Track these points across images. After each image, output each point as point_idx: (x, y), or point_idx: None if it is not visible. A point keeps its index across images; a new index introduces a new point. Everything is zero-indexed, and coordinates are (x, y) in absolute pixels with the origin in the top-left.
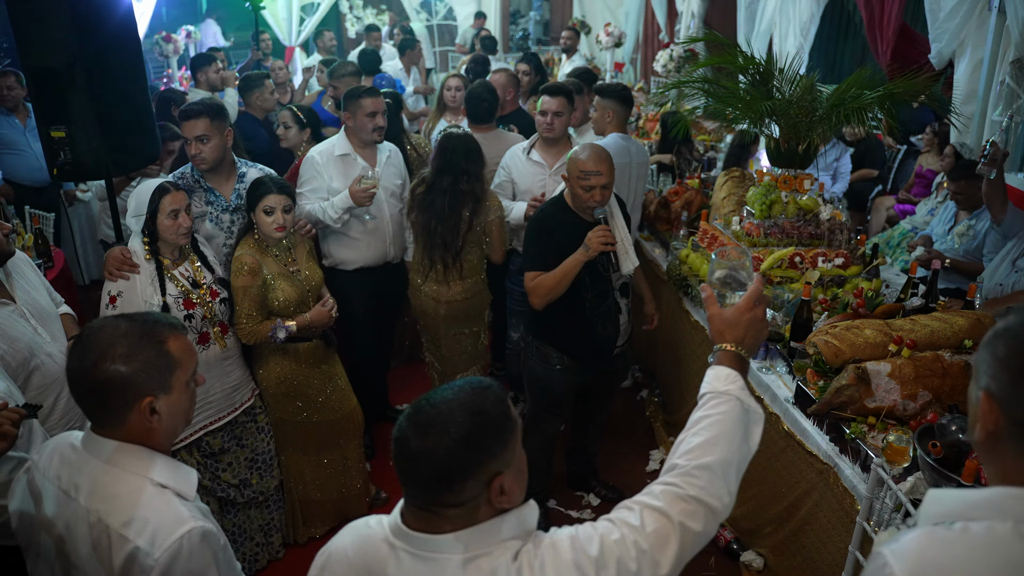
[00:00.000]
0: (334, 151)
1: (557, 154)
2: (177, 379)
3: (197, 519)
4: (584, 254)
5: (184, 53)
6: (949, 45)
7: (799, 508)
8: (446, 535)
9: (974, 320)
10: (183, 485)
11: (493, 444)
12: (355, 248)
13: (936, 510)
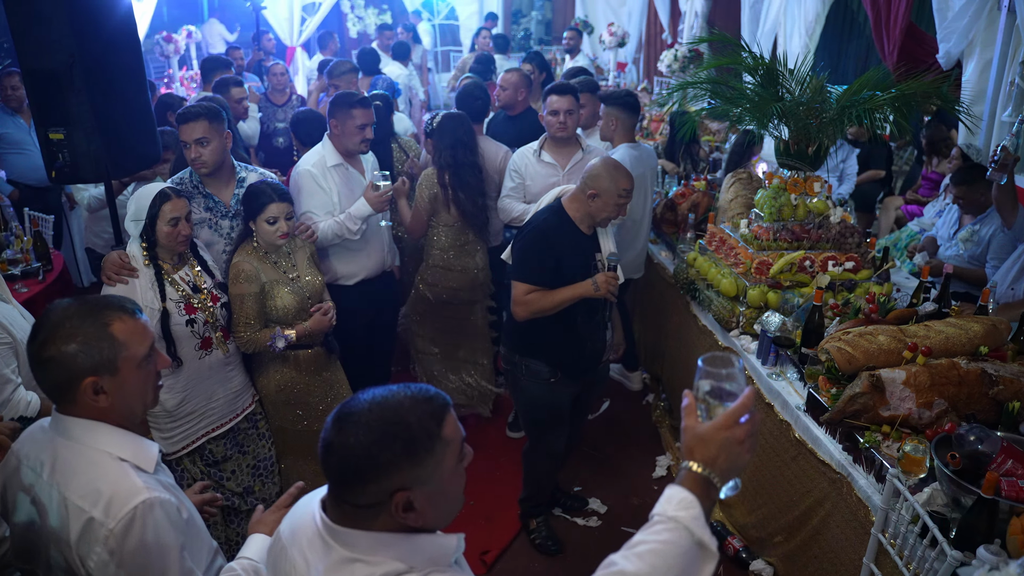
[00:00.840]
0: (326, 162)
1: (568, 154)
2: (124, 361)
3: (152, 490)
4: (590, 291)
5: (185, 53)
6: (958, 45)
7: (811, 518)
8: (340, 527)
9: (989, 326)
10: (141, 457)
11: (400, 457)
12: (356, 260)
13: None
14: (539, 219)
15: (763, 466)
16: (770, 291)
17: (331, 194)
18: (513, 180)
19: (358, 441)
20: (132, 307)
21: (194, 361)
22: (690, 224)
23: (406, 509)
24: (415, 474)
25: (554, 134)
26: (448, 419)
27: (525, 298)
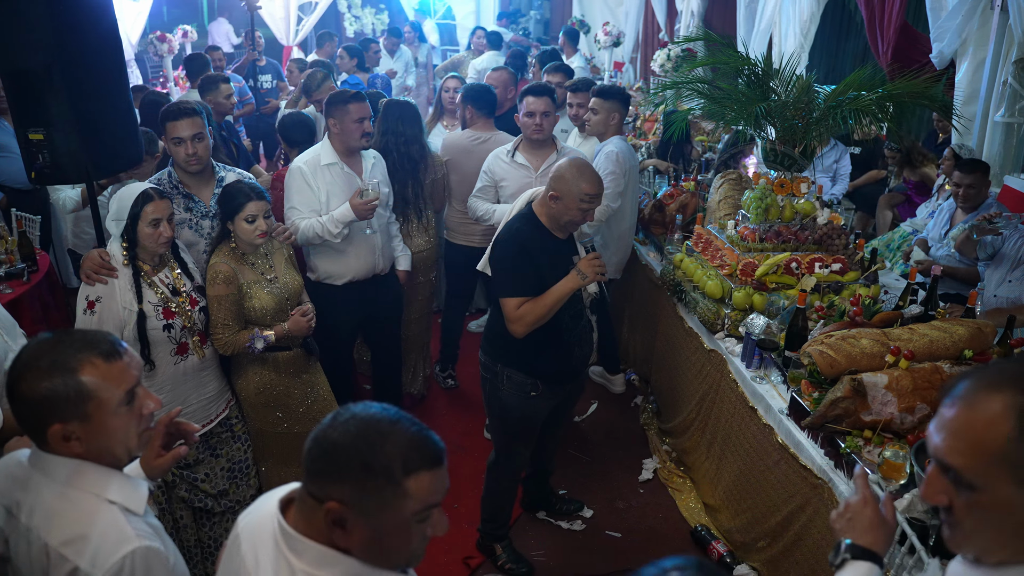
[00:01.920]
0: (320, 160)
1: (543, 156)
2: (95, 407)
3: (143, 538)
4: (578, 282)
5: (180, 53)
6: (951, 44)
7: (793, 523)
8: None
9: (974, 329)
10: (131, 499)
11: (351, 474)
12: (343, 262)
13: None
14: (512, 228)
15: (747, 471)
16: (755, 293)
17: (319, 193)
18: (483, 180)
19: (331, 437)
20: (109, 347)
21: (169, 367)
22: (678, 225)
23: (335, 523)
24: (357, 499)
25: (530, 136)
26: (422, 476)
27: (518, 312)
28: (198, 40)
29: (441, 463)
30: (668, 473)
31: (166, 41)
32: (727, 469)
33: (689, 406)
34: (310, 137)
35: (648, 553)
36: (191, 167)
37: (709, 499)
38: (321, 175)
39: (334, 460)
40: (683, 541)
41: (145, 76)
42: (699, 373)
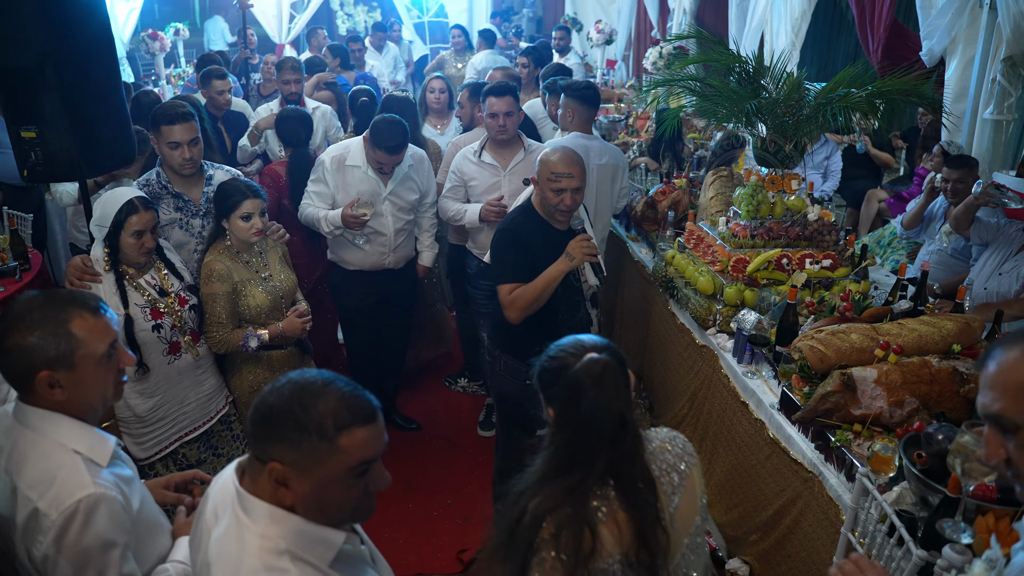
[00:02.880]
0: (345, 160)
1: (509, 155)
2: (82, 357)
3: (99, 485)
4: (568, 264)
5: (172, 50)
6: (940, 42)
7: (784, 516)
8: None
9: (963, 324)
10: (96, 451)
11: (286, 434)
12: (353, 252)
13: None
14: (509, 219)
15: (739, 465)
16: (747, 289)
17: (335, 189)
18: (452, 180)
19: (268, 401)
20: (96, 304)
21: (163, 366)
22: (670, 222)
23: (279, 482)
24: (293, 457)
25: (495, 136)
26: (355, 432)
27: (510, 297)
28: (190, 38)
29: (375, 419)
30: None
31: (158, 39)
32: (719, 464)
33: (681, 401)
34: (309, 137)
35: None
36: (185, 171)
37: None
38: (340, 173)
39: (271, 422)
40: None
41: (137, 74)
42: (691, 369)
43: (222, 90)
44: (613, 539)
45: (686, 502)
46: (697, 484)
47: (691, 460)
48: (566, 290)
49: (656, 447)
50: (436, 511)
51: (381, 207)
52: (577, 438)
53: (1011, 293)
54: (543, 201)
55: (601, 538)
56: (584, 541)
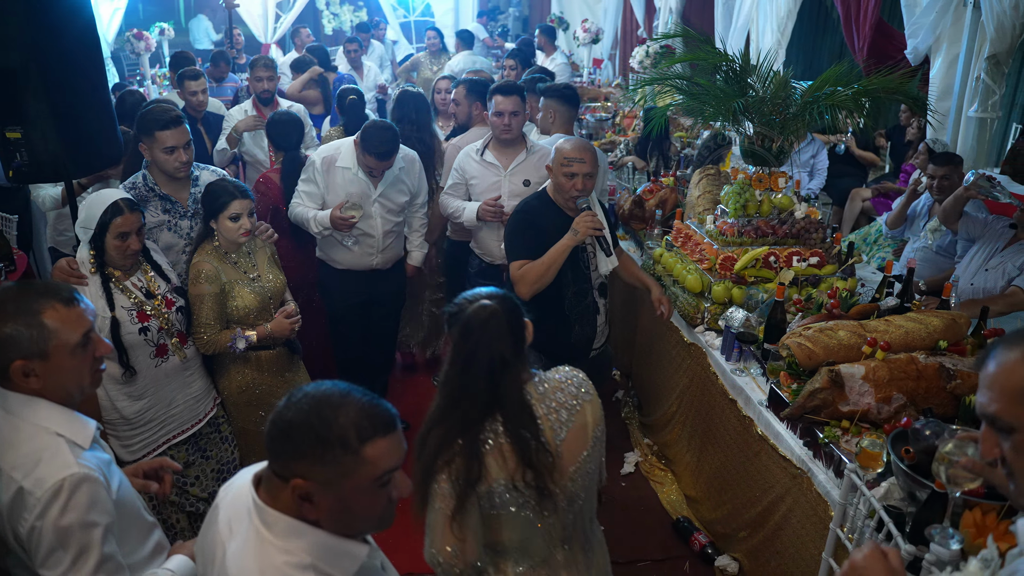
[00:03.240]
0: (336, 160)
1: (512, 154)
2: (55, 348)
3: (82, 466)
4: (572, 239)
5: (158, 50)
6: (925, 40)
7: (773, 513)
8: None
9: (949, 321)
10: (78, 434)
11: (309, 449)
12: (341, 251)
13: None
14: (524, 203)
15: (728, 462)
16: (735, 287)
17: (324, 190)
18: (453, 177)
19: (284, 420)
20: (69, 295)
21: (150, 369)
22: (657, 220)
23: (303, 498)
24: (317, 471)
25: (499, 135)
26: (378, 442)
27: (519, 273)
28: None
29: (395, 427)
30: (650, 466)
31: (143, 38)
32: (708, 461)
33: (670, 399)
34: (301, 140)
35: (631, 545)
36: (180, 175)
37: (690, 491)
38: (331, 175)
39: (292, 439)
40: (665, 533)
41: (122, 74)
42: (679, 367)
43: (196, 91)
44: (498, 466)
45: (573, 435)
46: (589, 418)
47: (585, 397)
48: (575, 276)
49: (548, 388)
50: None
51: (370, 209)
52: (464, 374)
53: (997, 289)
54: (557, 187)
55: (487, 466)
56: (472, 468)
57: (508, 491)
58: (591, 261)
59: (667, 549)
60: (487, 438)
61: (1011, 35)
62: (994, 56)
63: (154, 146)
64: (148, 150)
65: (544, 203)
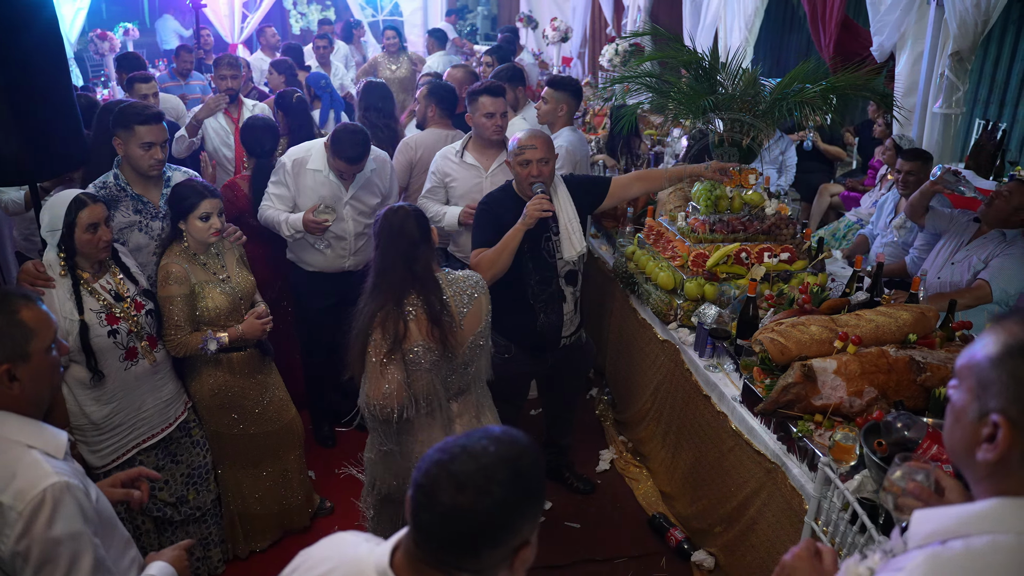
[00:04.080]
0: (307, 163)
1: (492, 156)
2: (35, 347)
3: (61, 474)
4: (522, 223)
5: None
6: (890, 38)
7: (748, 507)
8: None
9: (918, 314)
10: (51, 445)
11: (531, 510)
12: (312, 254)
13: (927, 529)
14: (487, 196)
15: (702, 458)
16: (707, 283)
17: (295, 193)
18: (432, 181)
19: (493, 502)
20: (35, 295)
21: (119, 372)
22: (629, 218)
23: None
24: (535, 525)
25: (490, 136)
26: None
27: (476, 260)
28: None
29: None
30: (625, 463)
31: (107, 39)
32: (682, 457)
33: (644, 396)
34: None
35: (607, 543)
36: (154, 172)
37: (666, 487)
38: (301, 177)
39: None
40: (641, 529)
41: (86, 75)
42: (653, 363)
43: (146, 94)
44: (417, 330)
45: (472, 314)
46: (483, 307)
47: (480, 290)
48: (537, 264)
49: (453, 279)
50: None
51: (342, 211)
52: (384, 258)
53: (963, 282)
54: (516, 178)
55: (410, 329)
56: (399, 328)
57: (424, 351)
58: (555, 249)
59: (643, 545)
60: (409, 310)
61: (973, 32)
62: (957, 53)
63: (131, 141)
64: (123, 145)
65: (507, 195)
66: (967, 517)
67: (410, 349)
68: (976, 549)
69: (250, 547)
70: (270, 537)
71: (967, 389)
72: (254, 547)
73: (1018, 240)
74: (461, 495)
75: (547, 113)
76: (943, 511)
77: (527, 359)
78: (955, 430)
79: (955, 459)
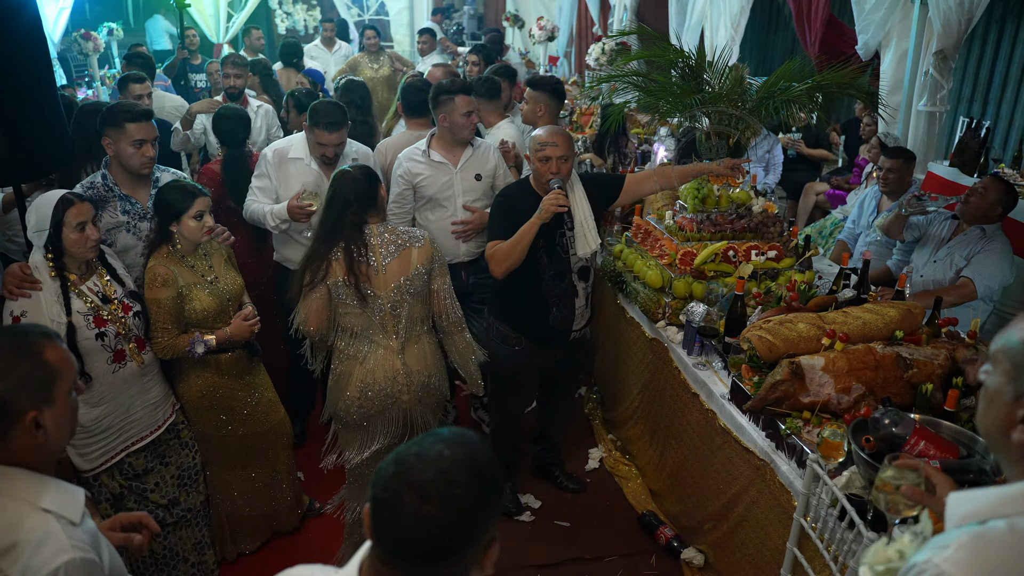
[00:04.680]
0: (288, 152)
1: (459, 151)
2: (59, 390)
3: (78, 548)
4: (538, 217)
5: (107, 51)
6: (875, 36)
7: (737, 504)
8: None
9: (905, 311)
10: (67, 508)
11: (495, 506)
12: (298, 249)
13: (964, 511)
14: (505, 189)
15: (691, 456)
16: (695, 282)
17: (278, 184)
18: (398, 185)
19: (460, 505)
20: (52, 332)
21: (107, 375)
22: (617, 217)
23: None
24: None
25: (463, 135)
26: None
27: (491, 252)
28: (125, 38)
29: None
30: (614, 462)
31: (91, 39)
32: (671, 455)
33: (632, 395)
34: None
35: (597, 541)
36: (145, 170)
37: (655, 485)
38: (283, 167)
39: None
40: (631, 528)
41: (69, 75)
42: (641, 362)
43: (140, 94)
44: (337, 268)
45: (397, 262)
46: (414, 257)
47: (412, 242)
48: (552, 259)
49: (387, 229)
50: None
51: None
52: (326, 212)
53: (946, 280)
54: (534, 173)
55: (332, 268)
56: (323, 266)
57: (343, 288)
58: (570, 245)
59: (633, 544)
60: (336, 251)
61: (957, 31)
62: (941, 51)
63: (122, 139)
64: (113, 144)
65: (525, 189)
66: (1007, 498)
67: (333, 284)
68: (1021, 528)
69: (239, 549)
70: (259, 539)
71: (1002, 372)
72: (243, 549)
73: (997, 235)
74: (426, 504)
75: (528, 113)
76: (979, 493)
77: (537, 351)
78: (989, 412)
79: (989, 441)
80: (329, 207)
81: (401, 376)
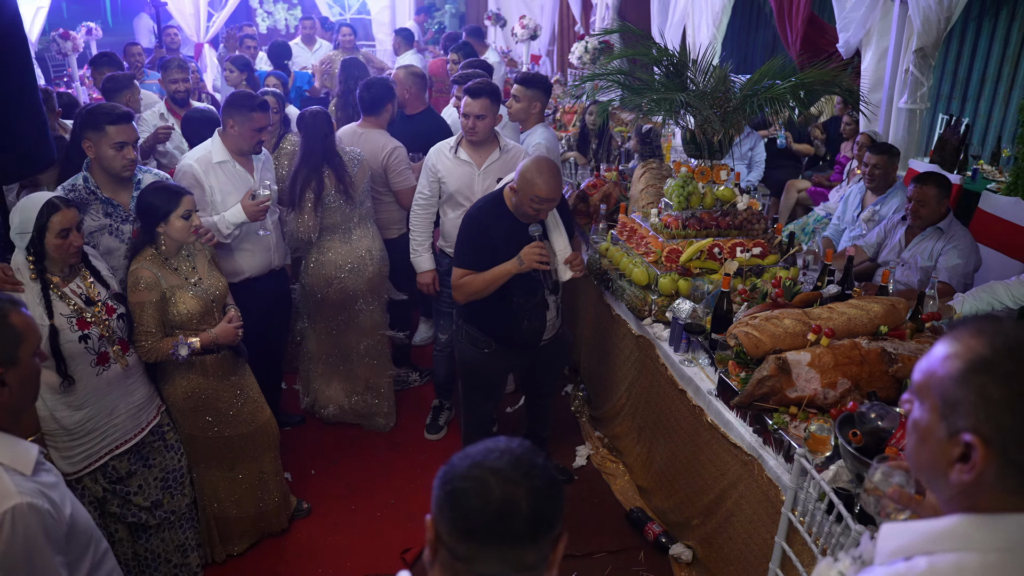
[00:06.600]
0: (211, 158)
1: (485, 153)
2: (23, 352)
3: (25, 495)
4: (516, 267)
5: (85, 51)
6: (856, 34)
7: (725, 500)
8: None
9: (889, 306)
10: (19, 461)
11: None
12: (238, 259)
13: (893, 546)
14: (479, 206)
15: (679, 452)
16: (681, 279)
17: (212, 192)
18: (427, 176)
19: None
20: (19, 300)
21: (91, 378)
22: (602, 215)
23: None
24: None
25: (467, 138)
26: None
27: (459, 282)
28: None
29: None
30: (601, 459)
31: (70, 39)
32: (659, 452)
33: (619, 392)
34: None
35: (586, 538)
36: (126, 173)
37: (642, 482)
38: (214, 173)
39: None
40: (619, 524)
41: (48, 75)
42: (628, 359)
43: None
44: (329, 183)
45: (358, 173)
46: (365, 169)
47: (360, 159)
48: (524, 281)
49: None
50: (379, 512)
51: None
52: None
53: (915, 280)
54: (516, 204)
55: (325, 182)
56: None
57: (334, 195)
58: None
59: (622, 540)
60: (325, 171)
61: (936, 29)
62: (921, 49)
63: (102, 141)
64: (94, 147)
65: (497, 206)
66: (933, 534)
67: (327, 194)
68: (940, 568)
69: (227, 551)
70: (247, 540)
71: (931, 408)
72: (231, 551)
73: (953, 227)
74: (512, 486)
75: (520, 111)
76: (910, 526)
77: (506, 353)
78: (922, 450)
79: (923, 477)
80: (309, 138)
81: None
